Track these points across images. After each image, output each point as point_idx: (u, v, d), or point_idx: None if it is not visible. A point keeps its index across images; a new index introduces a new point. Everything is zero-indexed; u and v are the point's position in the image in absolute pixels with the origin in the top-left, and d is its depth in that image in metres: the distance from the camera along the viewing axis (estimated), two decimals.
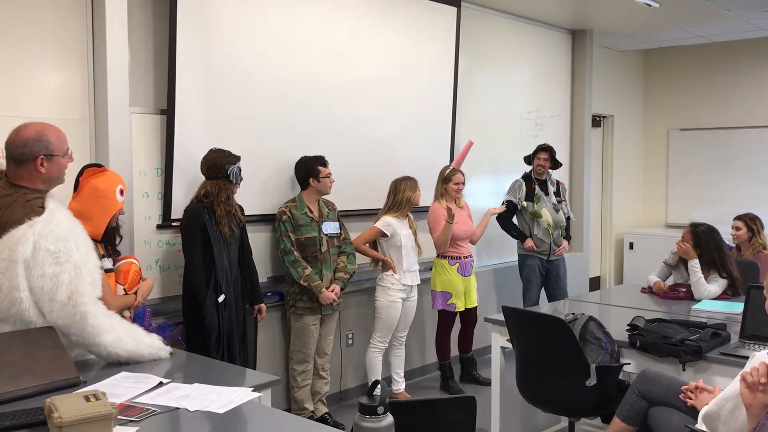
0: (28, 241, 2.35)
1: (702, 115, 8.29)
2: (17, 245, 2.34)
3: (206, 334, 3.73)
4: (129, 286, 3.20)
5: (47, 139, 2.51)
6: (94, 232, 3.03)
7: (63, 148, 2.57)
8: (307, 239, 4.33)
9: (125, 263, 3.26)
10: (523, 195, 5.70)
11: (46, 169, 2.51)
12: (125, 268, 3.24)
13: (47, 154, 2.50)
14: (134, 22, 3.82)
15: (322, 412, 4.54)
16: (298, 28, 4.53)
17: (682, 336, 3.23)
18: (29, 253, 2.35)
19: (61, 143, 2.56)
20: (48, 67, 3.59)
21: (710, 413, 2.38)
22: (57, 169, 2.55)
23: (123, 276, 3.21)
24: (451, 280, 5.09)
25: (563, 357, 3.25)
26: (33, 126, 2.53)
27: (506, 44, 6.44)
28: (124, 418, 2.03)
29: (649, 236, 8.22)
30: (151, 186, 3.96)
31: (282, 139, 4.48)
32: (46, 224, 2.40)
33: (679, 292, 4.34)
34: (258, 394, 2.32)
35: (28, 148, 2.47)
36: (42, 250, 2.37)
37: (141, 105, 3.90)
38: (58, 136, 2.56)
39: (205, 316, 3.71)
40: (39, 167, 2.49)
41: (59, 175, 2.58)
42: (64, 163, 2.59)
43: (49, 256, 2.38)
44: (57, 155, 2.54)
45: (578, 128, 7.27)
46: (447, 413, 2.26)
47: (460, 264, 5.11)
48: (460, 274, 5.10)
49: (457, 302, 5.10)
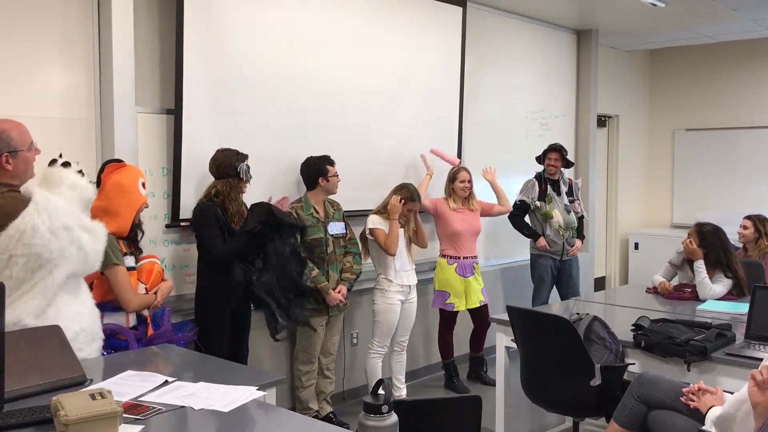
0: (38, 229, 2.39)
1: (708, 115, 8.27)
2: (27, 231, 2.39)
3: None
4: (151, 285, 3.22)
5: (8, 135, 2.54)
6: (120, 228, 3.06)
7: (26, 142, 2.59)
8: (314, 240, 4.33)
9: (148, 263, 3.28)
10: (535, 195, 5.68)
11: (12, 166, 2.54)
12: (148, 268, 3.26)
13: (10, 150, 2.53)
14: (140, 21, 3.83)
15: (327, 411, 4.54)
16: (304, 28, 4.54)
17: (687, 336, 3.22)
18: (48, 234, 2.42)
19: (24, 137, 2.58)
20: (54, 66, 3.60)
21: (725, 416, 2.36)
22: (23, 163, 2.58)
23: (146, 275, 3.23)
24: (448, 280, 5.06)
25: (568, 357, 3.25)
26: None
27: (512, 44, 6.44)
28: (129, 416, 2.04)
29: (655, 236, 8.21)
30: (158, 186, 3.97)
31: (288, 140, 4.49)
32: (44, 206, 2.44)
33: (684, 293, 4.34)
34: (263, 393, 2.33)
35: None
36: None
37: (147, 105, 3.91)
38: (20, 131, 2.58)
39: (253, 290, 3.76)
40: (5, 164, 2.53)
41: (26, 169, 2.60)
42: (30, 156, 2.61)
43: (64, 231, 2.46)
44: (21, 150, 2.56)
45: (583, 128, 7.26)
46: (452, 413, 2.26)
47: (458, 264, 5.07)
48: (459, 275, 5.06)
49: (456, 302, 5.06)
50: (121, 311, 3.09)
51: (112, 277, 3.00)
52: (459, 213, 5.11)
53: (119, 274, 3.02)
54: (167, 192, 4.01)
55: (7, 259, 2.41)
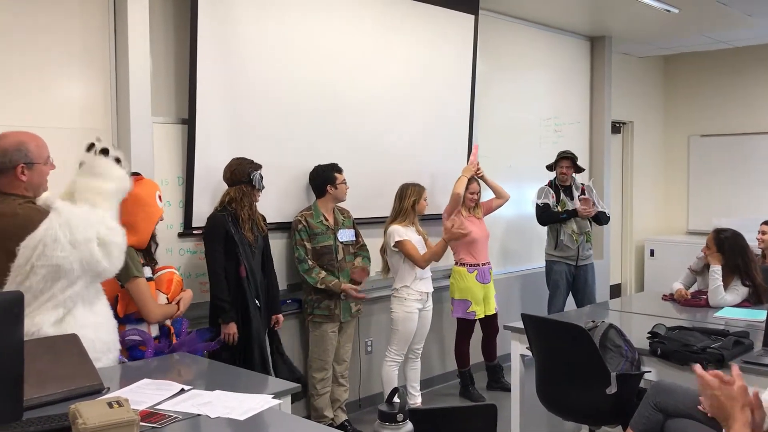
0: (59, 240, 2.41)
1: (723, 120, 8.22)
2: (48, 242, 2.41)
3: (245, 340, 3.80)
4: (172, 295, 3.23)
5: (27, 148, 2.55)
6: (140, 241, 3.08)
7: (43, 155, 2.61)
8: (323, 247, 4.34)
9: (167, 273, 3.29)
10: (551, 200, 5.70)
11: (27, 177, 2.55)
12: (167, 278, 3.27)
13: (27, 162, 2.54)
14: (156, 33, 3.87)
15: (342, 419, 4.54)
16: (316, 38, 4.56)
17: (703, 344, 3.20)
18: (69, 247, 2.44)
19: (41, 151, 2.60)
20: (71, 77, 3.65)
21: None
22: (38, 176, 2.60)
23: (166, 285, 3.24)
24: (469, 288, 5.08)
25: (583, 365, 3.23)
26: (13, 135, 2.57)
27: (525, 51, 6.44)
28: (146, 424, 2.05)
29: (670, 243, 8.15)
30: (173, 195, 4.00)
31: (300, 148, 4.51)
32: (66, 218, 2.45)
33: (700, 300, 4.30)
34: (278, 401, 2.34)
35: (7, 158, 2.52)
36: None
37: (163, 115, 3.95)
38: (38, 144, 2.60)
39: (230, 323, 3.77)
40: (20, 176, 2.54)
41: (41, 183, 2.62)
42: (45, 170, 2.63)
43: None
44: (38, 163, 2.58)
45: (598, 134, 7.24)
46: (468, 421, 2.25)
47: (478, 271, 5.10)
48: (479, 282, 5.10)
49: (477, 309, 5.09)
50: (144, 323, 3.11)
51: (133, 289, 3.02)
52: (469, 220, 5.13)
53: (140, 285, 3.04)
54: (182, 201, 4.04)
55: (28, 270, 2.43)
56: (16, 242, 2.42)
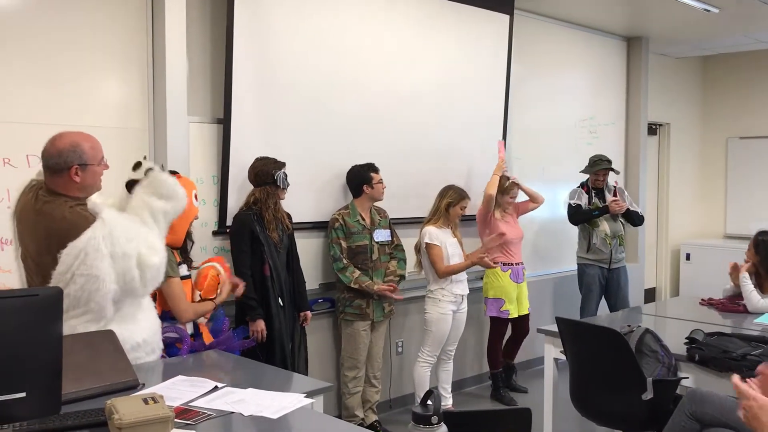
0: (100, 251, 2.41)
1: (762, 122, 8.05)
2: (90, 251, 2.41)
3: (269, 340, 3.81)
4: (205, 293, 3.24)
5: (81, 149, 2.54)
6: (174, 240, 3.09)
7: (97, 157, 2.60)
8: (359, 247, 4.35)
9: (205, 268, 3.31)
10: (583, 202, 5.65)
11: (80, 178, 2.54)
12: (204, 273, 3.29)
13: (81, 163, 2.54)
14: (192, 34, 3.91)
15: (372, 419, 4.54)
16: (350, 38, 4.57)
17: (743, 351, 3.13)
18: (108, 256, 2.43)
19: (95, 152, 2.59)
20: (111, 77, 3.71)
21: None
22: (92, 177, 2.59)
23: (200, 281, 3.26)
24: (503, 287, 5.06)
25: (618, 370, 3.18)
26: (68, 136, 2.57)
27: (560, 51, 6.38)
28: (180, 421, 2.07)
29: (707, 247, 8.01)
30: (208, 193, 4.04)
31: (335, 148, 4.52)
32: (110, 229, 2.46)
33: (739, 305, 4.22)
34: (311, 400, 2.34)
35: (62, 158, 2.51)
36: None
37: (199, 114, 3.99)
38: (92, 146, 2.59)
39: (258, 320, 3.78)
40: (74, 176, 2.53)
41: (94, 183, 2.61)
42: (99, 171, 2.62)
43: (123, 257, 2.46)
44: (91, 164, 2.57)
45: (633, 136, 7.14)
46: (502, 425, 2.24)
47: (512, 270, 5.08)
48: (513, 281, 5.08)
49: (510, 308, 5.07)
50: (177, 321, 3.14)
51: (167, 288, 3.04)
52: (503, 220, 5.10)
53: (173, 284, 3.06)
54: (216, 200, 4.07)
55: (69, 278, 2.43)
56: (61, 247, 2.43)
